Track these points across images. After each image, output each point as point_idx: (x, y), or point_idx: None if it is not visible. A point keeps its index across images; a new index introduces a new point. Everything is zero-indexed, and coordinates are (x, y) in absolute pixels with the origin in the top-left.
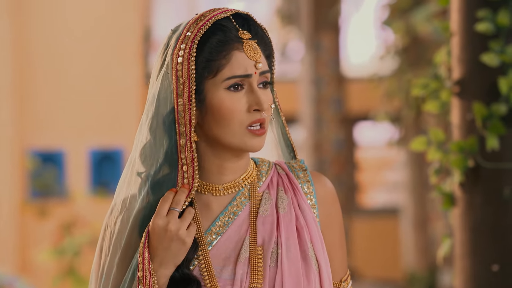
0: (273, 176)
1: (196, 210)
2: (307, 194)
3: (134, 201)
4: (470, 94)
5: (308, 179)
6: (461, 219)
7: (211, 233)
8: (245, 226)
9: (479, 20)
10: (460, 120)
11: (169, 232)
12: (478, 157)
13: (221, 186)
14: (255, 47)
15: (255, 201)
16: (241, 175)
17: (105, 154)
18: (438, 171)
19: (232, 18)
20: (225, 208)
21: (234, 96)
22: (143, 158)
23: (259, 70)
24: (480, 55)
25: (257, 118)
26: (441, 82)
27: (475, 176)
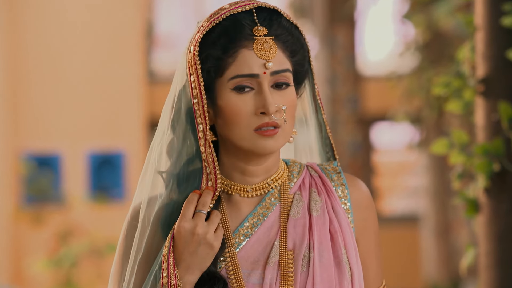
0: (305, 178)
1: (224, 210)
2: (341, 198)
3: (155, 201)
4: (496, 93)
5: (343, 182)
6: (486, 227)
7: (239, 234)
8: (275, 228)
9: (506, 13)
10: (484, 121)
11: (197, 235)
12: (504, 160)
13: (249, 187)
14: (269, 44)
15: (285, 203)
16: (270, 176)
17: (104, 158)
18: (461, 175)
19: (255, 12)
20: (254, 209)
21: (241, 97)
22: (169, 154)
23: (270, 69)
24: (506, 51)
25: (264, 121)
26: (464, 81)
27: (501, 181)
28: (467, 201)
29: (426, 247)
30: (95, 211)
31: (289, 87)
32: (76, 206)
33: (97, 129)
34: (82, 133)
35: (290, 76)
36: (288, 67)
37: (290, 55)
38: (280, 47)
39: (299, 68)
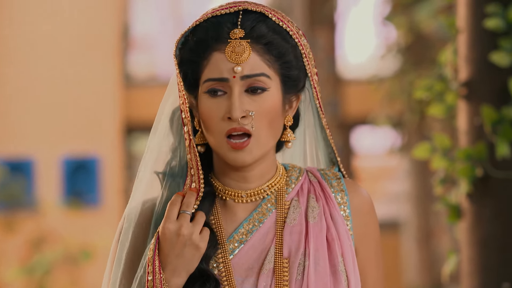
0: (304, 183)
1: (219, 215)
2: (340, 205)
3: (151, 203)
4: (479, 97)
5: (343, 188)
6: (468, 233)
7: (233, 240)
8: (271, 235)
9: (488, 16)
10: (467, 125)
11: (182, 236)
12: (487, 165)
13: (243, 193)
14: (242, 47)
15: (282, 209)
16: (266, 182)
17: (79, 163)
18: (444, 180)
19: (241, 15)
20: (250, 214)
21: (213, 101)
22: (166, 155)
23: (239, 74)
24: (489, 54)
25: (232, 127)
26: (446, 84)
27: (484, 187)
28: (449, 207)
29: (408, 253)
30: (69, 218)
31: (265, 92)
32: (49, 212)
33: (71, 133)
34: (56, 137)
35: (267, 81)
36: (264, 71)
37: (274, 59)
38: (258, 51)
39: (288, 72)
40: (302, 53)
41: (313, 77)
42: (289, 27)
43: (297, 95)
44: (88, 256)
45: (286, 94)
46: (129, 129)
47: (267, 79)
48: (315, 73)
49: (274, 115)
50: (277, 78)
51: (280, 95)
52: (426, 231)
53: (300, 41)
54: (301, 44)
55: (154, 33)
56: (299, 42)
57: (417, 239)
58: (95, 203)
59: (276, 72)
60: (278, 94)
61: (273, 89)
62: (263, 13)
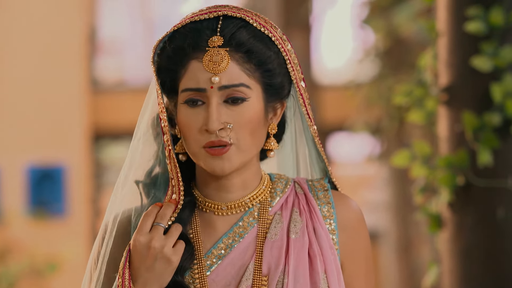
0: (289, 196)
1: (198, 228)
2: (326, 218)
3: (128, 213)
4: (460, 103)
5: (329, 200)
6: (449, 243)
7: (211, 256)
8: (251, 250)
9: (469, 19)
10: (448, 132)
11: (153, 249)
12: (468, 173)
13: (224, 205)
14: (220, 56)
15: (264, 223)
16: (248, 193)
17: (44, 172)
18: (424, 189)
19: (221, 21)
20: (230, 229)
21: (191, 111)
22: (146, 164)
23: (216, 84)
24: (470, 58)
25: (210, 140)
26: (426, 89)
27: (466, 195)
28: (430, 216)
29: (387, 264)
30: (35, 228)
31: (245, 102)
32: (14, 222)
33: (36, 141)
34: (20, 145)
35: (247, 91)
36: (243, 81)
37: (255, 67)
38: (238, 60)
39: (270, 80)
40: (286, 59)
41: (299, 84)
42: (271, 33)
43: (281, 102)
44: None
45: (268, 103)
46: (97, 136)
47: (247, 89)
48: (301, 79)
49: (255, 124)
50: (258, 87)
51: (262, 104)
52: (406, 241)
53: (284, 47)
54: (284, 50)
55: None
56: (283, 48)
57: (396, 249)
58: (61, 214)
59: (257, 81)
60: (259, 103)
61: (254, 99)
62: (243, 19)
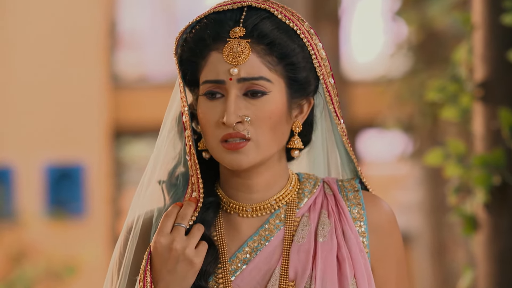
0: (318, 197)
1: (222, 231)
2: (356, 220)
3: (151, 214)
4: (496, 99)
5: (360, 201)
6: (485, 246)
7: (236, 260)
8: (277, 254)
9: (506, 11)
10: (483, 130)
11: (174, 251)
12: (505, 173)
13: (249, 207)
14: (241, 47)
15: (291, 226)
16: (274, 195)
17: (63, 171)
18: (458, 189)
19: (245, 12)
20: (256, 232)
21: (210, 104)
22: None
23: (235, 76)
24: (507, 52)
25: (227, 132)
26: (461, 85)
27: (502, 196)
28: (465, 218)
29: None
30: (52, 229)
31: (266, 95)
32: (31, 223)
33: (54, 139)
34: (38, 143)
35: (267, 84)
36: (264, 74)
37: (277, 60)
38: (259, 52)
39: (294, 75)
40: (312, 54)
41: (326, 80)
42: (296, 26)
43: (307, 99)
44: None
45: (293, 99)
46: (118, 134)
47: (267, 83)
48: (329, 75)
49: (276, 120)
50: (280, 81)
51: (285, 99)
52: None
53: (310, 41)
54: (311, 44)
55: (144, 29)
56: (309, 42)
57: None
58: (80, 214)
59: (280, 75)
60: (282, 98)
61: (275, 93)
62: (268, 10)
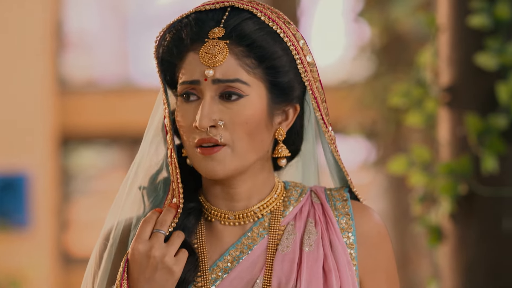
0: (304, 205)
1: (203, 238)
2: (344, 230)
3: (130, 221)
4: (462, 104)
5: (348, 211)
6: (451, 257)
7: (217, 268)
8: (260, 264)
9: (473, 12)
10: (449, 136)
11: (153, 259)
12: (472, 181)
13: (231, 214)
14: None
15: (275, 234)
16: (257, 203)
17: (5, 181)
18: (423, 199)
19: (228, 12)
20: (238, 240)
21: (186, 107)
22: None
23: (210, 77)
24: (474, 55)
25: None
26: (425, 89)
27: (469, 205)
28: (429, 228)
29: None
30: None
31: (242, 99)
32: None
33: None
34: None
35: (244, 87)
36: (240, 77)
37: (257, 63)
38: (237, 53)
39: (276, 79)
40: (297, 58)
41: (313, 86)
42: (280, 28)
43: (293, 106)
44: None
45: (274, 104)
46: (64, 141)
47: (244, 86)
48: (316, 81)
49: (254, 126)
50: (260, 85)
51: (265, 104)
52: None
53: (295, 45)
54: (295, 48)
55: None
56: (293, 45)
57: None
58: (24, 226)
59: (260, 78)
60: (261, 103)
61: (253, 97)
62: (251, 11)
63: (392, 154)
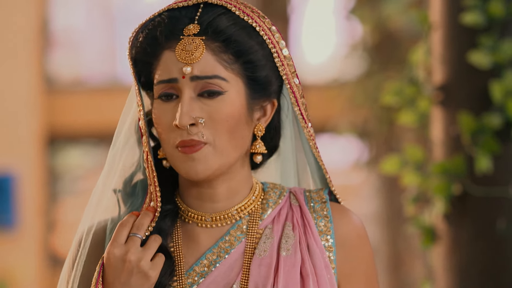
0: (283, 208)
1: (180, 241)
2: (323, 233)
3: (104, 223)
4: (456, 103)
5: (327, 213)
6: (444, 258)
7: (193, 273)
8: (237, 268)
9: (466, 9)
10: (443, 136)
11: (128, 263)
12: (465, 181)
13: (208, 216)
14: (195, 45)
15: (253, 238)
16: (236, 204)
17: None
18: (416, 199)
19: (201, 8)
20: (215, 243)
21: (164, 107)
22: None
23: (188, 74)
24: (467, 53)
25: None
26: (418, 88)
27: (463, 206)
28: (423, 229)
29: None
30: None
31: (221, 95)
32: None
33: None
34: None
35: (223, 83)
36: (218, 73)
37: (234, 58)
38: (214, 49)
39: (253, 74)
40: (274, 51)
41: (290, 80)
42: (256, 22)
43: (270, 101)
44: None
45: (253, 99)
46: (51, 140)
47: (223, 82)
48: (294, 75)
49: (234, 122)
50: (238, 81)
51: (244, 100)
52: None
53: (272, 38)
54: (272, 41)
55: (79, 28)
56: (269, 39)
57: (386, 265)
58: (10, 227)
59: (237, 74)
60: (240, 99)
61: (232, 93)
62: (225, 7)
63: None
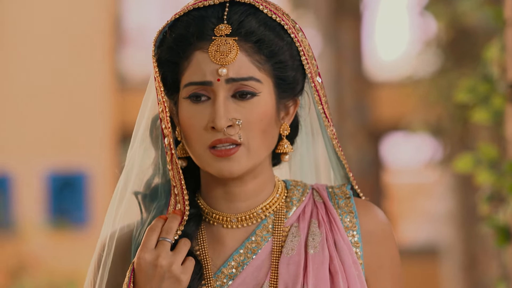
0: (307, 205)
1: (205, 244)
2: (348, 229)
3: (128, 229)
4: None
5: (352, 209)
6: None
7: (222, 275)
8: (265, 268)
9: None
10: None
11: (160, 268)
12: None
13: (233, 217)
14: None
15: (279, 237)
16: (261, 203)
17: (65, 179)
18: (490, 198)
19: (227, 7)
20: (242, 244)
21: (195, 108)
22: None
23: (223, 76)
24: None
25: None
26: (492, 85)
27: None
28: (497, 229)
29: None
30: (54, 241)
31: (255, 97)
32: (31, 234)
33: (56, 145)
34: (39, 148)
35: (257, 85)
36: (253, 74)
37: (266, 59)
38: (247, 50)
39: (283, 73)
40: (300, 50)
41: (314, 79)
42: (283, 21)
43: (294, 100)
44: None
45: (280, 99)
46: (124, 138)
47: (257, 83)
48: (317, 74)
49: (266, 123)
50: (269, 81)
51: (274, 100)
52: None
53: (297, 37)
54: (298, 40)
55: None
56: (296, 38)
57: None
58: (83, 225)
59: (268, 74)
60: (271, 99)
61: (265, 94)
62: (253, 5)
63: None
